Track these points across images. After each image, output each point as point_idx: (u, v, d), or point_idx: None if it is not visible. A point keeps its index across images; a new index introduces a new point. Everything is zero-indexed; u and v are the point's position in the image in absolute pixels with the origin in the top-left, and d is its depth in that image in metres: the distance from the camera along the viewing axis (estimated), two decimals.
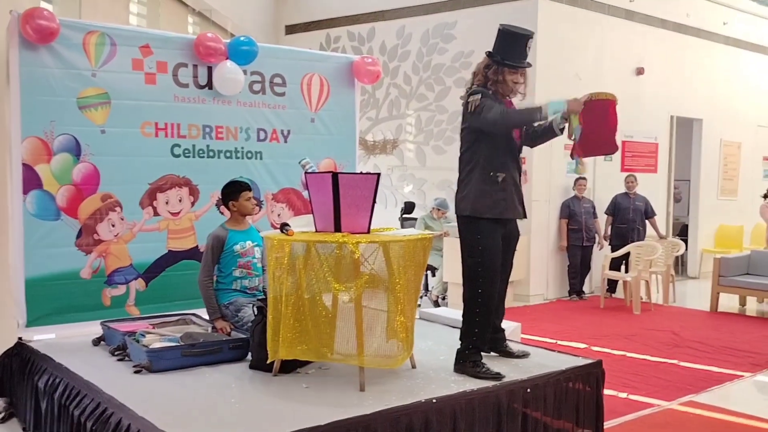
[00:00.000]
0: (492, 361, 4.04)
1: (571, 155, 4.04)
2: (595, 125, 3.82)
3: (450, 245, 8.48)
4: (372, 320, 3.78)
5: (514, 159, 4.01)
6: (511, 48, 3.94)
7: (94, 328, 4.69)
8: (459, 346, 4.01)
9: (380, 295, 3.82)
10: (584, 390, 4.14)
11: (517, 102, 4.13)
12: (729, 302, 9.22)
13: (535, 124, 4.03)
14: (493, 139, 3.90)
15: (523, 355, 4.26)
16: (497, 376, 3.80)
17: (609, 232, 9.88)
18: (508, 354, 4.25)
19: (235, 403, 3.49)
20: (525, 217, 4.11)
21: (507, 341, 4.33)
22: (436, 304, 8.81)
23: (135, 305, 5.07)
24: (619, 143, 4.23)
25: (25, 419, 4.33)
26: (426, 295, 9.09)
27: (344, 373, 3.91)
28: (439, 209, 9.04)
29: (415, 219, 9.56)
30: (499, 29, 4.02)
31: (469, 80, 4.10)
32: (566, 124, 3.89)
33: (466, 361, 3.91)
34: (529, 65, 4.03)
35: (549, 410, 3.94)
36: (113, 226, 4.94)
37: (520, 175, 4.07)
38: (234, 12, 10.42)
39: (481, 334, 3.96)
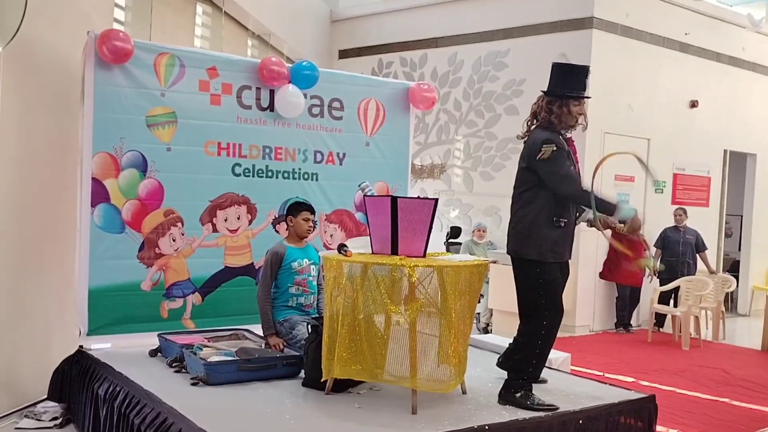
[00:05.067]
0: (538, 390, 4.02)
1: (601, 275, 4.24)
2: (626, 258, 4.05)
3: (497, 272, 8.47)
4: (426, 344, 3.82)
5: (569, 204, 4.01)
6: (572, 80, 4.00)
7: (150, 340, 4.82)
8: (509, 375, 4.01)
9: (434, 320, 3.86)
10: (636, 425, 4.11)
11: (579, 132, 4.15)
12: None
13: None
14: None
15: (541, 381, 4.22)
16: (551, 407, 3.79)
17: (657, 266, 9.75)
18: None
19: (290, 419, 3.56)
20: (567, 260, 4.12)
21: None
22: (485, 331, 8.79)
23: (191, 318, 5.19)
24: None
25: (82, 425, 4.47)
26: (475, 323, 9.08)
27: (395, 395, 3.95)
28: (479, 230, 9.20)
29: (461, 244, 9.60)
30: (553, 65, 4.08)
31: (528, 118, 4.10)
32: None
33: (517, 391, 3.91)
34: (589, 97, 4.08)
35: None
36: (174, 240, 5.09)
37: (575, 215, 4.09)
38: (291, 36, 10.66)
39: (538, 366, 3.98)
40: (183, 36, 7.75)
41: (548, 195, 3.89)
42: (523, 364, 3.95)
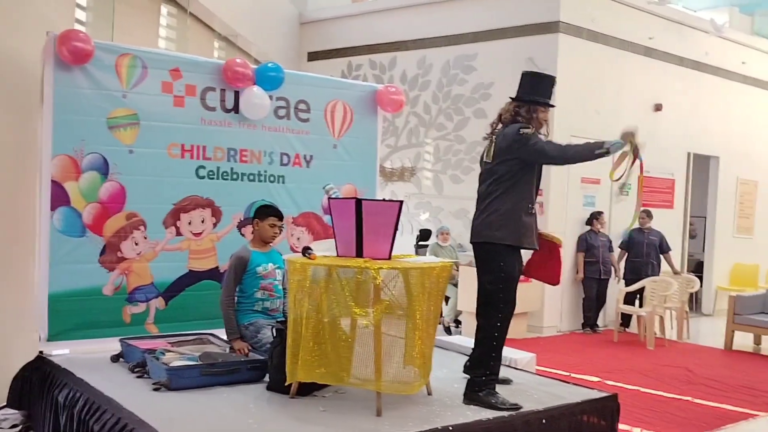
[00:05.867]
0: (503, 390, 4.05)
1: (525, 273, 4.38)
2: (543, 259, 4.31)
3: (466, 275, 8.51)
4: (390, 346, 3.81)
5: (536, 193, 4.16)
6: (541, 88, 4.16)
7: (112, 345, 4.74)
8: (472, 373, 4.03)
9: (399, 322, 3.86)
10: (599, 423, 4.14)
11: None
12: (743, 341, 9.15)
13: None
14: (532, 174, 4.04)
15: (505, 381, 4.27)
16: (515, 407, 3.81)
17: (622, 266, 9.89)
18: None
19: (254, 423, 3.53)
20: (534, 247, 4.22)
21: None
22: (448, 331, 8.84)
23: (154, 323, 5.12)
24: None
25: None
26: (440, 323, 9.12)
27: (360, 397, 3.94)
28: (443, 233, 9.27)
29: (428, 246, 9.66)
30: (523, 73, 4.24)
31: (495, 120, 4.24)
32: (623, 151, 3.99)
33: (481, 390, 3.93)
34: (554, 105, 4.23)
35: None
36: (136, 244, 5.02)
37: None
38: (258, 38, 10.61)
39: (497, 360, 4.01)
40: (147, 37, 7.67)
41: (523, 182, 4.03)
42: (483, 359, 4.00)
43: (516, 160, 4.00)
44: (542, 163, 4.09)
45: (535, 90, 4.13)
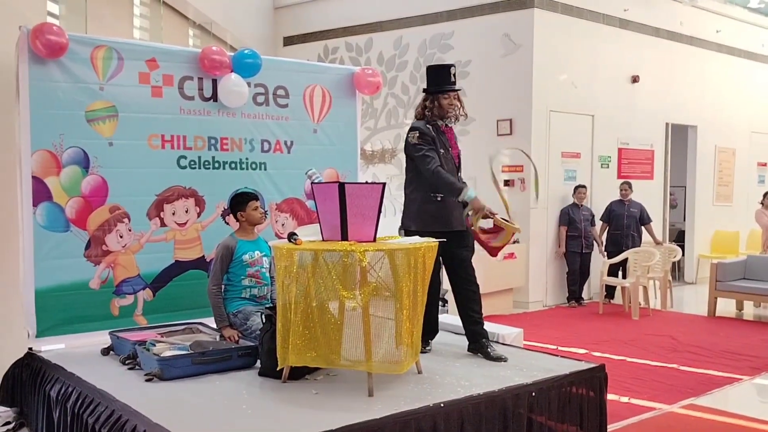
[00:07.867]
0: (483, 367, 4.22)
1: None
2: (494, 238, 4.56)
3: None
4: (379, 327, 3.85)
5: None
6: (439, 77, 4.58)
7: (102, 338, 4.75)
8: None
9: (386, 303, 3.89)
10: (587, 394, 4.21)
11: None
12: (726, 307, 9.32)
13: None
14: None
15: (500, 359, 4.40)
16: None
17: (604, 239, 10.01)
18: (489, 357, 4.45)
19: (247, 409, 3.56)
20: (454, 229, 4.48)
21: (490, 345, 4.55)
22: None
23: (143, 315, 5.13)
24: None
25: (36, 428, 4.39)
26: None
27: (352, 379, 3.98)
28: None
29: None
30: (426, 68, 4.71)
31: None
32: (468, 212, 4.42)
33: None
34: (459, 89, 4.60)
35: (553, 414, 4.01)
36: (121, 237, 5.01)
37: None
38: (233, 24, 10.53)
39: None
40: (121, 28, 7.59)
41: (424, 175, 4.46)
42: None
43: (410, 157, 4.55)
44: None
45: (435, 80, 4.54)
